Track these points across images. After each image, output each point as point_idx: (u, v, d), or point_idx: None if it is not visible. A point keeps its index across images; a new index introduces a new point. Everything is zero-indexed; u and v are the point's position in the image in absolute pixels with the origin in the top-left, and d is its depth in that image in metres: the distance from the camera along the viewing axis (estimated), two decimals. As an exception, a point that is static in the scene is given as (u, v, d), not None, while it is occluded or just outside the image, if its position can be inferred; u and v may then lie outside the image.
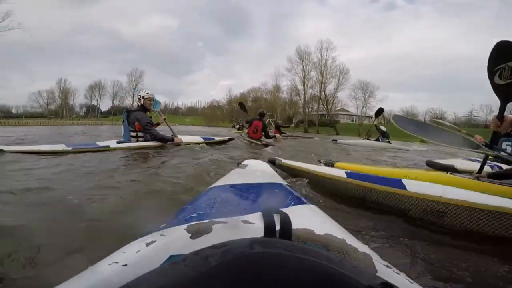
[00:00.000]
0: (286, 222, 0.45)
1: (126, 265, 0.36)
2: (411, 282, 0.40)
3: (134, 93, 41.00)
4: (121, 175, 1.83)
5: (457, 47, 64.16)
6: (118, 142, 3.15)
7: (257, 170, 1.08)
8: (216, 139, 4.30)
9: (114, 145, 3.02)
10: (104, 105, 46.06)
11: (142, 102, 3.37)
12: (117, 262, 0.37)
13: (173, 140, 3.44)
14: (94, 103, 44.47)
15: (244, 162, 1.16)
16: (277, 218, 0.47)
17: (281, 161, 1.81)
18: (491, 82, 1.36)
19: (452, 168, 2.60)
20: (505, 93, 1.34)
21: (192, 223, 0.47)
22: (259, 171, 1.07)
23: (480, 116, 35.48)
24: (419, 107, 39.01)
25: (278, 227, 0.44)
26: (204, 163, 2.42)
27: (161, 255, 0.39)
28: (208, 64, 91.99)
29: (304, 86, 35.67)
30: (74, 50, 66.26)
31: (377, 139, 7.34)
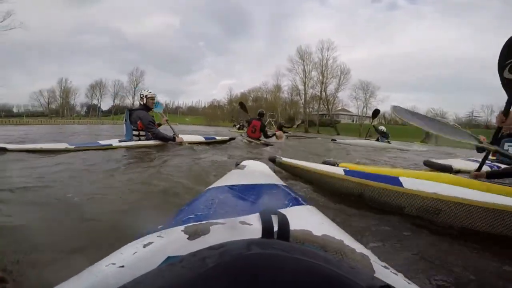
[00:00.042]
0: (284, 223, 0.45)
1: (123, 266, 0.36)
2: (409, 283, 0.40)
3: (135, 93, 40.97)
4: (122, 174, 1.84)
5: (459, 48, 63.98)
6: (120, 141, 3.17)
7: (256, 171, 1.08)
8: (218, 139, 4.30)
9: (116, 144, 3.04)
10: (105, 104, 46.13)
11: (145, 101, 3.39)
12: (114, 264, 0.37)
13: (175, 140, 3.45)
14: (95, 102, 44.56)
15: (243, 163, 1.16)
16: (275, 219, 0.47)
17: (281, 159, 1.84)
18: (501, 77, 1.36)
19: (450, 168, 2.61)
20: None
21: (190, 224, 0.46)
22: (258, 172, 1.06)
23: (481, 117, 35.31)
24: (420, 108, 38.63)
25: (276, 228, 0.44)
26: (205, 163, 2.42)
27: (159, 257, 0.38)
28: (209, 64, 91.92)
29: (305, 86, 35.68)
30: (75, 50, 66.38)
31: (377, 139, 7.47)
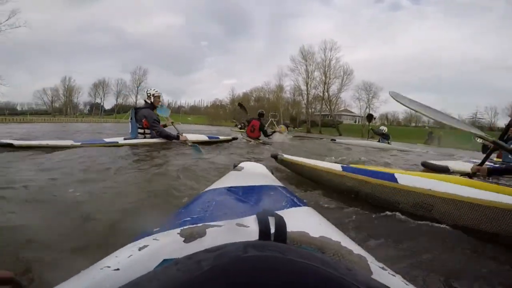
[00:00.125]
0: (281, 225, 0.45)
1: (119, 269, 0.36)
2: (407, 284, 0.39)
3: (138, 91, 41.06)
4: (125, 173, 1.85)
5: (462, 48, 63.44)
6: (126, 139, 3.22)
7: (253, 173, 1.08)
8: (221, 138, 4.34)
9: (122, 142, 3.10)
10: (108, 103, 46.17)
11: (152, 100, 3.44)
12: (109, 267, 0.36)
13: (179, 138, 3.49)
14: (98, 101, 44.65)
15: (241, 165, 1.15)
16: (272, 221, 0.46)
17: (283, 156, 1.90)
18: None
19: (447, 169, 2.66)
20: None
21: (186, 227, 0.46)
22: (255, 174, 1.06)
23: (485, 119, 35.00)
24: (423, 109, 38.39)
25: (273, 230, 0.44)
26: (207, 163, 2.44)
27: (154, 260, 0.38)
28: (211, 63, 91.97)
29: (307, 87, 35.49)
30: (79, 48, 66.84)
31: (378, 141, 7.70)
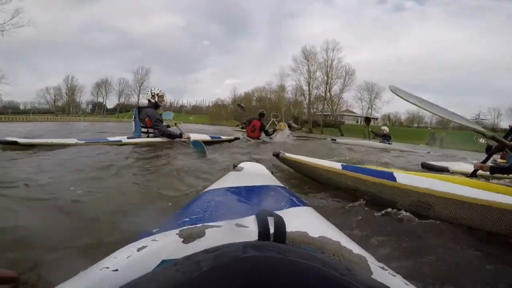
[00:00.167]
0: (280, 225, 0.45)
1: (117, 270, 0.36)
2: (407, 284, 0.39)
3: (140, 91, 41.19)
4: (126, 173, 1.86)
5: (466, 50, 62.95)
6: (129, 138, 3.25)
7: (253, 173, 1.08)
8: (223, 138, 4.35)
9: (125, 140, 3.13)
10: (110, 103, 46.33)
11: (157, 99, 3.47)
12: (108, 267, 0.36)
13: (181, 136, 3.51)
14: (100, 100, 44.83)
15: (240, 165, 1.15)
16: (271, 221, 0.46)
17: (285, 155, 1.93)
18: None
19: (446, 170, 2.68)
20: None
21: (185, 228, 0.46)
22: (255, 174, 1.06)
23: (488, 120, 34.71)
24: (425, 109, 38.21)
25: (273, 230, 0.44)
26: (210, 162, 2.45)
27: (153, 260, 0.38)
28: (213, 63, 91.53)
29: (309, 87, 35.38)
30: (82, 48, 66.87)
31: (380, 141, 7.86)
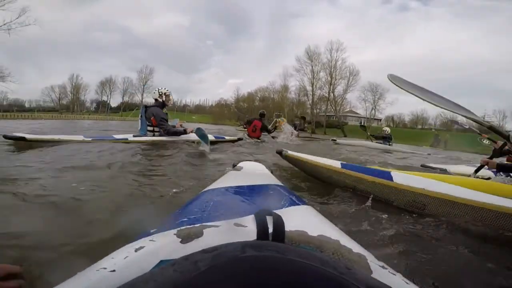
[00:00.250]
0: (279, 224, 0.44)
1: (115, 271, 0.35)
2: (407, 283, 0.39)
3: (144, 90, 41.37)
4: (129, 171, 1.87)
5: (471, 50, 62.07)
6: (135, 136, 3.29)
7: (253, 172, 1.07)
8: (227, 138, 4.40)
9: (131, 138, 3.18)
10: (114, 101, 46.46)
11: (164, 98, 3.50)
12: (105, 268, 0.36)
13: (186, 132, 3.55)
14: (105, 99, 45.00)
15: (240, 164, 1.14)
16: (270, 220, 0.46)
17: (287, 152, 1.95)
18: None
19: (445, 172, 2.69)
20: None
21: (182, 228, 0.46)
22: (255, 173, 1.06)
23: (493, 122, 34.28)
24: (430, 111, 37.84)
25: (271, 230, 0.43)
26: (212, 162, 2.47)
27: (151, 261, 0.38)
28: (217, 63, 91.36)
29: (313, 87, 35.15)
30: (87, 47, 67.27)
31: (381, 142, 7.96)
